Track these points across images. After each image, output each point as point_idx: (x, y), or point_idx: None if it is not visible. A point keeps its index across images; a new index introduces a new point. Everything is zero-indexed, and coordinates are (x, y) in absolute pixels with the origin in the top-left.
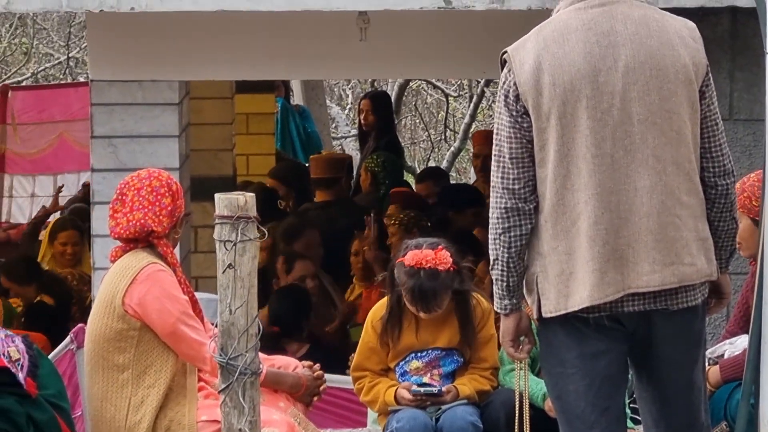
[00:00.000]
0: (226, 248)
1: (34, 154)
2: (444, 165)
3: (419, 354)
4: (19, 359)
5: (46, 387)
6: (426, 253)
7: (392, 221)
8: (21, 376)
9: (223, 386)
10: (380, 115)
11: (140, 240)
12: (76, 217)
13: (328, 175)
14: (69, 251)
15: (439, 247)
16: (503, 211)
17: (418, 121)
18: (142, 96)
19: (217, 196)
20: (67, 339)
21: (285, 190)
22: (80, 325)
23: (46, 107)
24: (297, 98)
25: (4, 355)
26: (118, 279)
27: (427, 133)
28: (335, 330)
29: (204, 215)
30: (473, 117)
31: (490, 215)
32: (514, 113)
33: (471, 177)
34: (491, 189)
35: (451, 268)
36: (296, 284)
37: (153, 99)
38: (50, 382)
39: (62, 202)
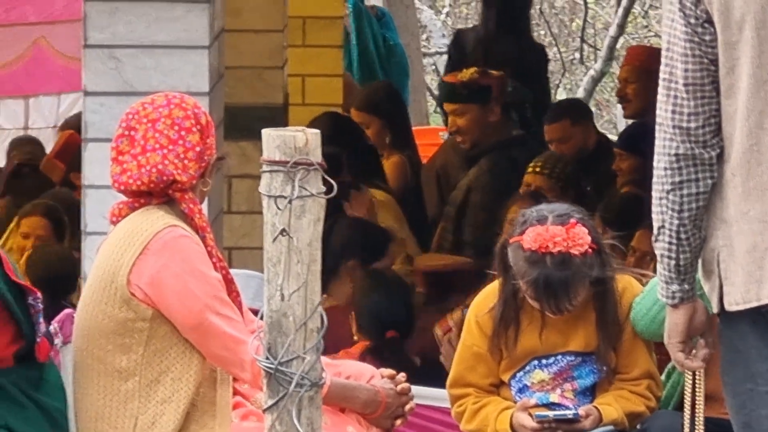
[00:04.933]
0: (277, 207)
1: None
2: (580, 94)
3: (544, 362)
4: None
5: (52, 396)
6: (553, 232)
7: (537, 167)
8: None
9: (271, 403)
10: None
11: (155, 193)
12: (52, 197)
13: None
14: (29, 247)
15: (572, 221)
16: (673, 159)
17: (544, 32)
18: None
19: (265, 132)
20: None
21: (379, 124)
22: (67, 311)
23: (15, 4)
24: None
25: None
26: (122, 248)
27: (556, 48)
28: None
29: (242, 160)
30: (622, 28)
31: (655, 165)
32: (693, 21)
33: (617, 114)
34: (657, 129)
35: (589, 251)
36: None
37: None
38: (55, 394)
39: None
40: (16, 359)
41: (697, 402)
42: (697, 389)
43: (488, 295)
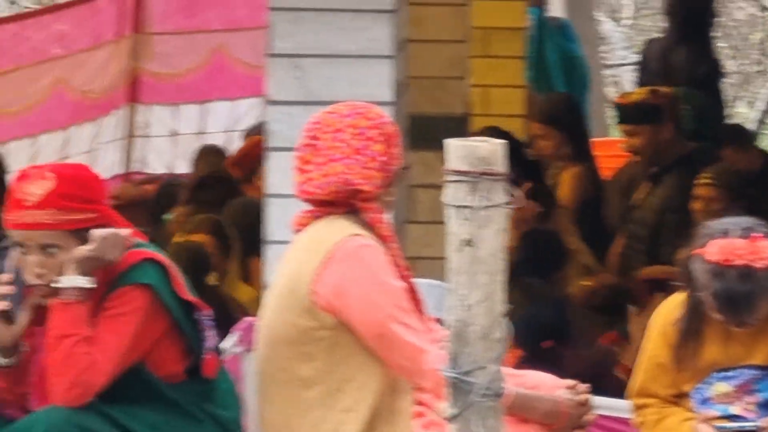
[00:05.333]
0: (462, 217)
1: (178, 75)
2: (760, 107)
3: (727, 374)
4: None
5: (225, 406)
6: (737, 245)
7: (709, 179)
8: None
9: (453, 412)
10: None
11: (339, 202)
12: (216, 210)
13: None
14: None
15: (756, 234)
16: None
17: (724, 44)
18: None
19: (449, 142)
20: (232, 339)
21: (558, 137)
22: (249, 319)
23: (198, 11)
24: (556, 9)
25: None
26: (306, 257)
27: (736, 61)
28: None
29: (425, 170)
30: None
31: None
32: None
33: None
34: None
35: None
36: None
37: (358, 4)
38: (230, 402)
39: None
40: (187, 373)
41: None
42: None
43: (673, 306)
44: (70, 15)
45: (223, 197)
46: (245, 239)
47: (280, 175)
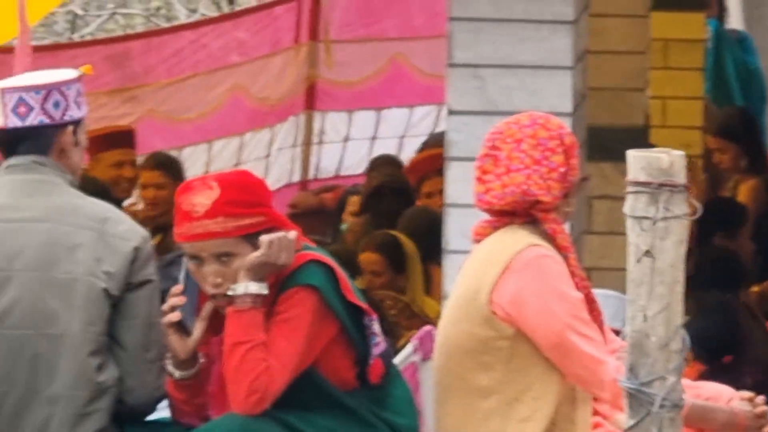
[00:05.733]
0: (641, 228)
1: (355, 83)
2: None
3: None
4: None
5: (401, 414)
6: None
7: None
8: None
9: (632, 423)
10: None
11: (519, 212)
12: (391, 219)
13: None
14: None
15: None
16: None
17: None
18: (524, 9)
19: (630, 154)
20: (409, 348)
21: (734, 150)
22: (427, 328)
23: (377, 19)
24: (734, 21)
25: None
26: (485, 267)
27: None
28: None
29: (602, 181)
30: None
31: None
32: None
33: None
34: None
35: None
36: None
37: (539, 14)
38: (406, 409)
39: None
40: (359, 380)
41: None
42: None
43: None
44: (249, 22)
45: (398, 207)
46: (422, 248)
47: (459, 185)
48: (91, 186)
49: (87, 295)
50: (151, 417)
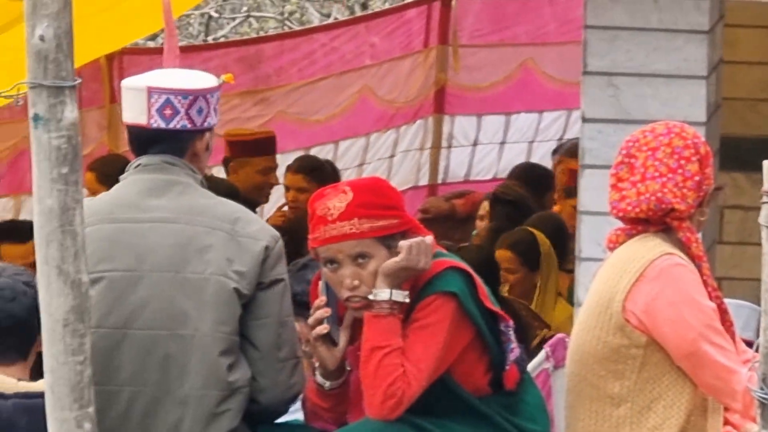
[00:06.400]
0: None
1: (485, 88)
2: None
3: None
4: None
5: (534, 420)
6: None
7: None
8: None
9: None
10: None
11: (653, 221)
12: (515, 226)
13: None
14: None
15: None
16: None
17: None
18: (659, 18)
19: (765, 164)
20: (541, 354)
21: None
22: (559, 335)
23: (506, 25)
24: None
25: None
26: (618, 275)
27: None
28: None
29: (734, 191)
30: None
31: None
32: None
33: None
34: None
35: None
36: None
37: (674, 23)
38: (538, 416)
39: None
40: (492, 386)
41: None
42: None
43: None
44: (380, 26)
45: (516, 216)
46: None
47: (592, 192)
48: (220, 187)
49: (218, 294)
50: (282, 419)
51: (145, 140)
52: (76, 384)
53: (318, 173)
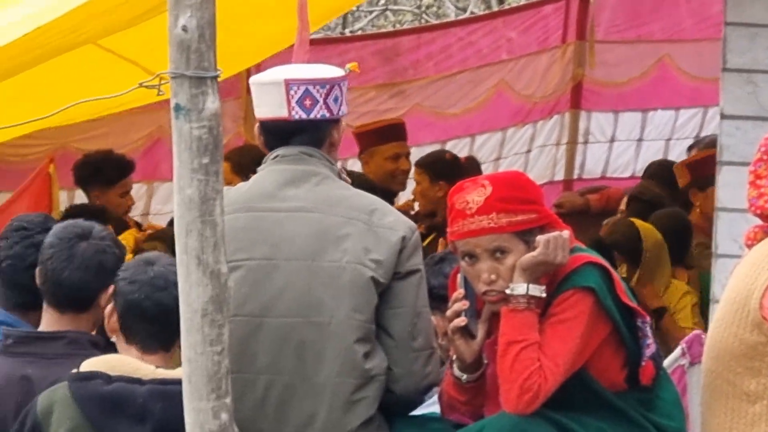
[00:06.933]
0: None
1: (622, 84)
2: None
3: None
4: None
5: (669, 417)
6: None
7: None
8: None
9: None
10: None
11: None
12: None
13: None
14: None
15: None
16: None
17: None
18: None
19: None
20: (677, 351)
21: None
22: (697, 332)
23: (643, 21)
24: None
25: None
26: (756, 272)
27: None
28: None
29: None
30: None
31: None
32: None
33: None
34: None
35: None
36: None
37: None
38: (674, 413)
39: None
40: (627, 382)
41: None
42: None
43: None
44: (517, 21)
45: (650, 209)
46: (671, 249)
47: (730, 189)
48: (359, 181)
49: (354, 282)
50: (419, 411)
51: (284, 133)
52: (214, 374)
53: (433, 168)
